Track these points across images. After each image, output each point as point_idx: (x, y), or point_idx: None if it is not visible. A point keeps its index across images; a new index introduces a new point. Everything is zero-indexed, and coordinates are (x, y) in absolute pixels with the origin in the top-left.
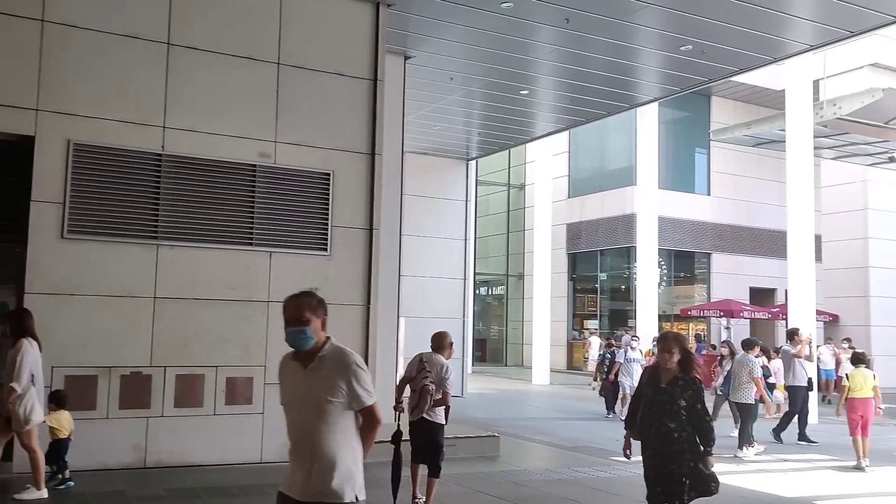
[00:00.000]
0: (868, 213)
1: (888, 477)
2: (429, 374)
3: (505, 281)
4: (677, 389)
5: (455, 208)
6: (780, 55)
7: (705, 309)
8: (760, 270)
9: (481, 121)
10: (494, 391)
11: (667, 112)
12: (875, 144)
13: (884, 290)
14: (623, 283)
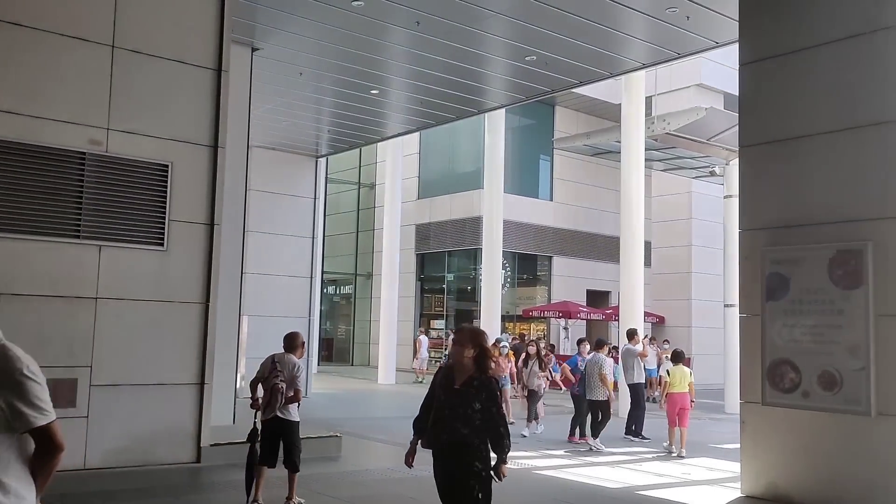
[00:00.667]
0: (692, 222)
1: (704, 466)
2: (280, 374)
3: (353, 280)
4: (472, 391)
5: (303, 205)
6: (616, 71)
7: (545, 310)
8: (597, 274)
9: (331, 118)
10: (339, 391)
11: (513, 119)
12: (699, 159)
13: (704, 293)
14: (469, 284)
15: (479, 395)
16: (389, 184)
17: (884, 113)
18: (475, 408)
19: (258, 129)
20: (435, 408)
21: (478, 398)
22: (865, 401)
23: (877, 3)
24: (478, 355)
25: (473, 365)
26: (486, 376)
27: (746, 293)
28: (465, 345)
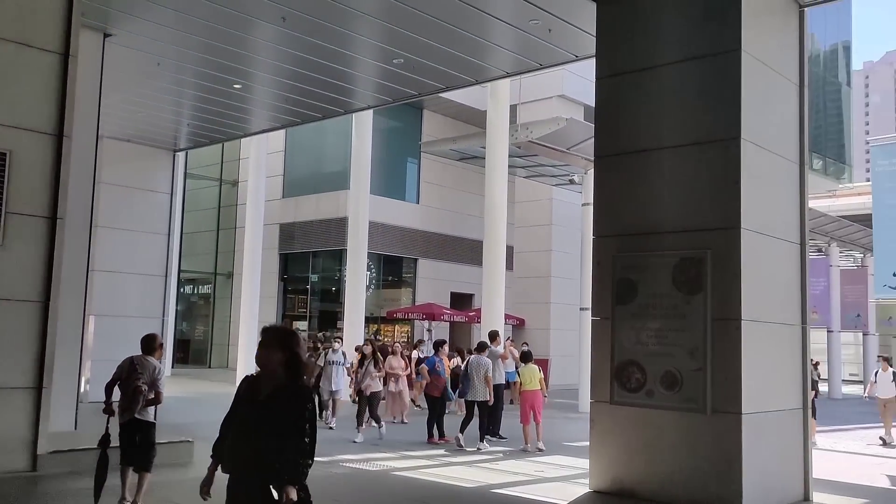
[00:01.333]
0: (552, 227)
1: (557, 464)
2: (141, 376)
3: (213, 279)
4: (279, 403)
5: (159, 201)
6: (481, 78)
7: (409, 312)
8: (461, 276)
9: (191, 111)
10: (194, 394)
11: (381, 120)
12: (559, 167)
13: (562, 297)
14: (334, 286)
15: (289, 407)
16: (253, 181)
17: (724, 131)
18: (283, 423)
19: (110, 119)
20: (235, 424)
21: (287, 411)
22: (702, 399)
23: (722, 26)
24: (289, 360)
25: (284, 372)
26: (298, 385)
27: (598, 297)
28: (273, 348)
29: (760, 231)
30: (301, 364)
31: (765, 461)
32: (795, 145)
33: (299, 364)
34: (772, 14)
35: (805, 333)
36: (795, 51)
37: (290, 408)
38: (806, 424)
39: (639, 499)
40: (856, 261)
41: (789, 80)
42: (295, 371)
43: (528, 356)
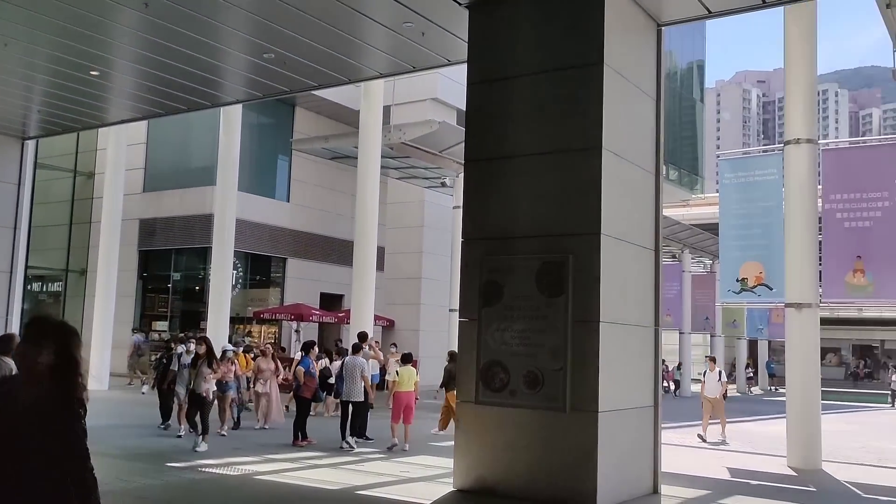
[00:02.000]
0: (424, 229)
1: (422, 464)
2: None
3: (64, 276)
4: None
5: (5, 192)
6: (354, 78)
7: (277, 312)
8: (331, 277)
9: (43, 97)
10: None
11: (251, 115)
12: (432, 169)
13: (432, 299)
14: (197, 284)
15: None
16: (110, 174)
17: (586, 140)
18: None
19: None
20: None
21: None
22: (562, 398)
23: (585, 40)
24: (59, 362)
25: (50, 376)
26: (67, 394)
27: (465, 299)
28: (38, 345)
29: (619, 237)
30: (75, 369)
31: (618, 457)
32: (652, 156)
33: (72, 367)
34: (631, 31)
35: (658, 335)
36: (653, 66)
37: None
38: (657, 421)
39: (501, 496)
40: (706, 267)
41: (647, 95)
42: (67, 377)
43: (408, 358)
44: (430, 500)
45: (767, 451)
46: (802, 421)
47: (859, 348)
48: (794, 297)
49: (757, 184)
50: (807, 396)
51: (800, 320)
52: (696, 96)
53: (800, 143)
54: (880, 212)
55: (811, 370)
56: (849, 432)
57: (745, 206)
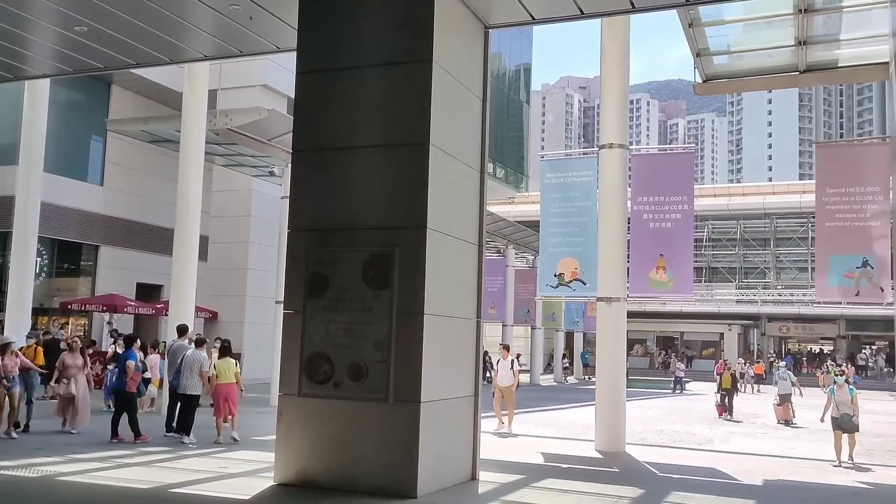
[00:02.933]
0: (251, 219)
1: (242, 459)
2: None
3: None
4: None
5: None
6: (177, 59)
7: (87, 303)
8: (149, 266)
9: None
10: None
11: (61, 92)
12: (260, 158)
13: (258, 290)
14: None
15: None
16: None
17: (415, 135)
18: None
19: None
20: None
21: None
22: (385, 389)
23: (416, 37)
24: None
25: None
26: None
27: (291, 291)
28: None
29: (444, 232)
30: None
31: (439, 446)
32: (477, 154)
33: None
34: (461, 31)
35: (479, 327)
36: (480, 67)
37: None
38: (477, 410)
39: (323, 489)
40: (528, 262)
41: (474, 94)
42: None
43: (226, 350)
44: (249, 495)
45: (578, 437)
46: (609, 407)
47: (662, 339)
48: (605, 292)
49: (575, 184)
50: (613, 384)
51: (609, 313)
52: (522, 98)
53: (613, 148)
54: (680, 214)
55: (618, 360)
56: (650, 417)
57: (564, 205)
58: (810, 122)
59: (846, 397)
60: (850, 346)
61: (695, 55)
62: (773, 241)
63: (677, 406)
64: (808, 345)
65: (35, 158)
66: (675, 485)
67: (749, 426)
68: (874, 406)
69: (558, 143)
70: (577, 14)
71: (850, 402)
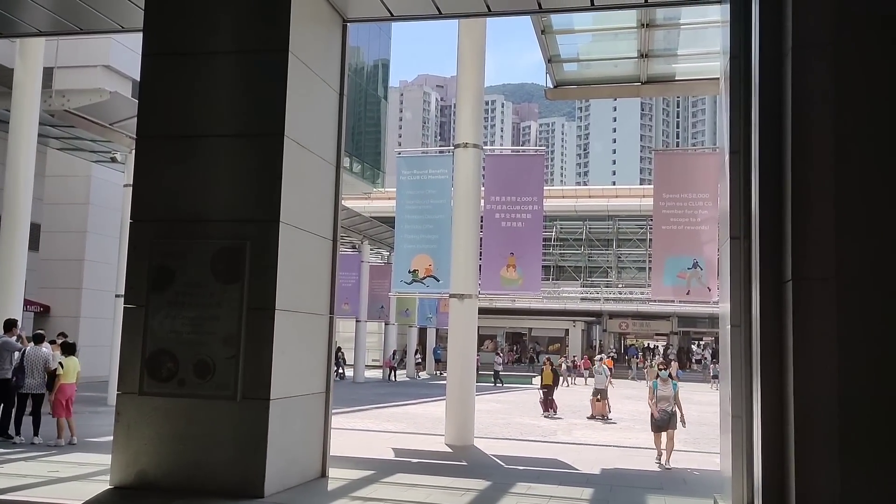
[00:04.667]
0: (90, 207)
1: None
2: None
3: None
4: None
5: None
6: (7, 32)
7: None
8: None
9: None
10: None
11: None
12: (101, 143)
13: (96, 283)
14: None
15: None
16: None
17: (268, 126)
18: None
19: None
20: None
21: None
22: (234, 386)
23: (271, 25)
24: None
25: None
26: None
27: (132, 284)
28: None
29: (297, 226)
30: None
31: (289, 443)
32: (333, 148)
33: None
34: (318, 23)
35: (332, 323)
36: (338, 61)
37: None
38: (328, 407)
39: (164, 490)
40: (384, 258)
41: (331, 87)
42: None
43: (71, 348)
44: (81, 500)
45: (429, 431)
46: (459, 402)
47: (512, 335)
48: (458, 289)
49: (430, 182)
50: (464, 379)
51: (461, 310)
52: (380, 94)
53: (468, 147)
54: (530, 214)
55: (469, 355)
56: (497, 411)
57: (419, 202)
58: (651, 130)
59: (669, 392)
60: (681, 341)
61: (546, 61)
62: (616, 242)
63: (523, 399)
64: (644, 340)
65: None
66: (519, 476)
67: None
68: (700, 397)
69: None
70: (435, 14)
71: (673, 398)
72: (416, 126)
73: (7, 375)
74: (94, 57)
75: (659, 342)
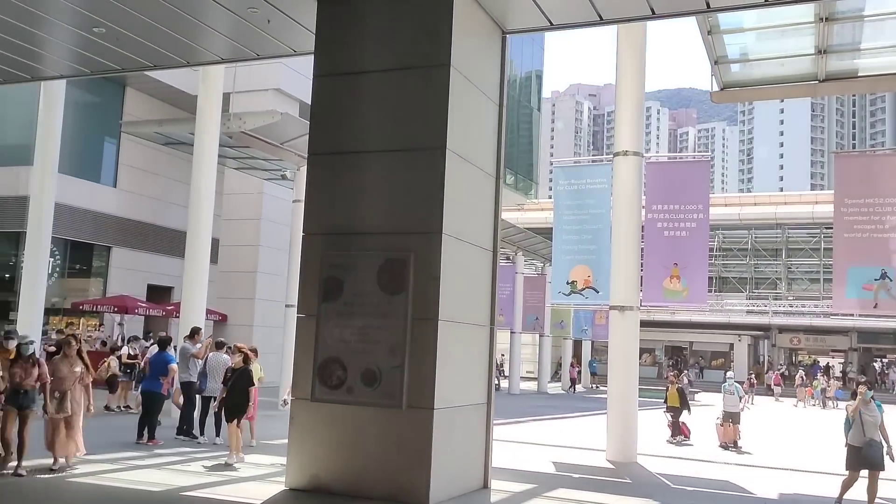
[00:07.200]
0: (262, 222)
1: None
2: None
3: None
4: None
5: None
6: (193, 61)
7: (99, 304)
8: (160, 268)
9: None
10: None
11: (76, 93)
12: (272, 161)
13: (268, 293)
14: (8, 272)
15: None
16: None
17: (431, 140)
18: None
19: None
20: None
21: None
22: (399, 395)
23: (434, 41)
24: None
25: None
26: None
27: (305, 295)
28: None
29: (459, 237)
30: None
31: (452, 453)
32: (493, 159)
33: None
34: (479, 37)
35: (493, 334)
36: (497, 73)
37: None
38: (490, 418)
39: (334, 495)
40: (537, 269)
41: (491, 99)
42: None
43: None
44: (260, 499)
45: (588, 446)
46: (621, 417)
47: (671, 349)
48: (618, 300)
49: (588, 191)
50: (626, 394)
51: (622, 322)
52: (533, 105)
53: (628, 155)
54: (695, 223)
55: (631, 369)
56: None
57: (577, 212)
58: (822, 132)
59: (876, 417)
60: (861, 359)
61: (713, 63)
62: (785, 252)
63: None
64: (818, 357)
65: (50, 159)
66: (689, 497)
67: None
68: None
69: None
70: (597, 20)
71: (879, 423)
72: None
73: (191, 379)
74: (266, 81)
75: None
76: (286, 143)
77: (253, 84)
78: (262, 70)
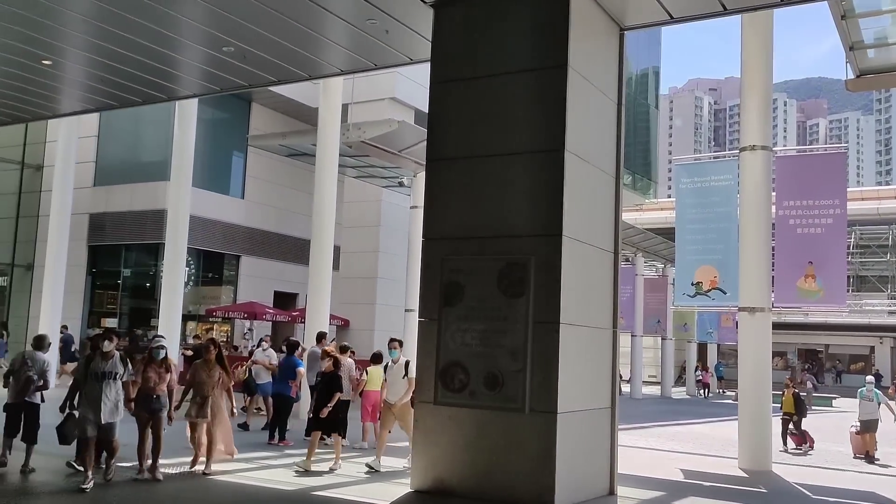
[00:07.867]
0: (380, 229)
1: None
2: (31, 368)
3: (10, 271)
4: None
5: None
6: (314, 74)
7: (230, 310)
8: (286, 275)
9: None
10: None
11: (207, 110)
12: (389, 169)
13: (387, 298)
14: (148, 281)
15: None
16: (60, 167)
17: (550, 142)
18: None
19: None
20: None
21: None
22: (521, 398)
23: (550, 42)
24: None
25: None
26: None
27: (426, 299)
28: None
29: (580, 239)
30: None
31: (576, 458)
32: (612, 159)
33: None
34: (595, 34)
35: (615, 337)
36: (615, 71)
37: None
38: (614, 422)
39: (459, 497)
40: (658, 270)
41: (609, 98)
42: None
43: (377, 358)
44: (387, 500)
45: (718, 453)
46: (754, 423)
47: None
48: (748, 302)
49: (712, 189)
50: (758, 399)
51: (753, 324)
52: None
53: (755, 150)
54: (831, 219)
55: (763, 373)
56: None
57: (701, 210)
58: None
59: None
60: None
61: (847, 49)
62: None
63: (824, 424)
64: None
65: (185, 174)
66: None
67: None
68: None
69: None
70: (720, 10)
71: None
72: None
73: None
74: (382, 90)
75: None
76: (403, 151)
77: (369, 94)
78: (378, 80)
